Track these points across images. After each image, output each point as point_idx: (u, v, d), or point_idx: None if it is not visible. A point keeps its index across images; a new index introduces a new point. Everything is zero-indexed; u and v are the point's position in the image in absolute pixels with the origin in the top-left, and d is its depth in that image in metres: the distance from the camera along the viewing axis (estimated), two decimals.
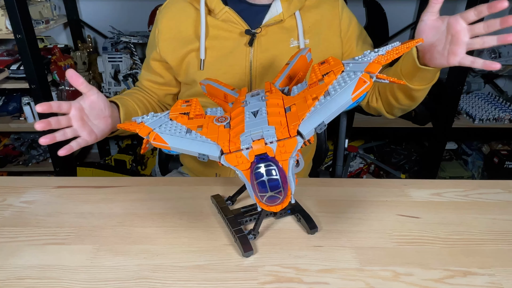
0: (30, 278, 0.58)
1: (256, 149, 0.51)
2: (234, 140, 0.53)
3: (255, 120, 0.55)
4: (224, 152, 0.53)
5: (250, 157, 0.51)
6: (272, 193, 0.50)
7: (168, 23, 0.90)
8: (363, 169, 2.15)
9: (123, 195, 0.78)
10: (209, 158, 0.54)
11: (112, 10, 2.07)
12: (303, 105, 0.54)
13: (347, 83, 0.52)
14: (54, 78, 1.80)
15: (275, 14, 0.86)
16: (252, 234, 0.64)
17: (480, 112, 1.90)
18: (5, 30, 1.65)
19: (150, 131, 0.58)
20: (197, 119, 0.61)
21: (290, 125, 0.52)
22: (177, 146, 0.56)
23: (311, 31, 0.89)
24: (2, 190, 0.80)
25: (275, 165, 0.50)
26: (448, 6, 2.02)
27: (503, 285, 0.57)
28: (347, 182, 0.84)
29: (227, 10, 0.86)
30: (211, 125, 0.59)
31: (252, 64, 0.88)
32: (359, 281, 0.58)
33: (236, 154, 0.52)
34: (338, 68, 0.57)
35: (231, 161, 0.52)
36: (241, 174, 0.52)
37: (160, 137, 0.57)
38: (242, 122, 0.55)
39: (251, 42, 0.86)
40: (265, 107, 0.57)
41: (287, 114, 0.55)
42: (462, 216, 0.73)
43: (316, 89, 0.56)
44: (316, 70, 0.60)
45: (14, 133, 2.07)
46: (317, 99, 0.53)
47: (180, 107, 0.64)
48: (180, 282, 0.57)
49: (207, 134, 0.56)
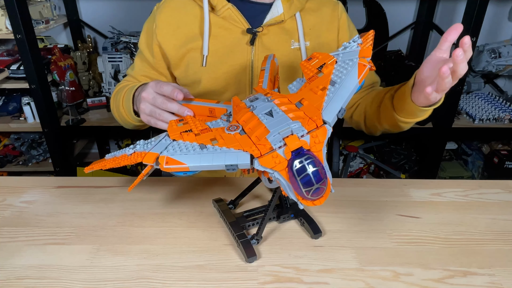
0: (30, 278, 0.58)
1: (292, 145, 0.49)
2: (262, 142, 0.51)
3: (274, 119, 0.53)
4: (255, 157, 0.50)
5: (287, 154, 0.49)
6: (318, 185, 0.48)
7: (167, 19, 0.89)
8: (363, 169, 2.15)
9: (123, 195, 0.78)
10: (239, 167, 0.52)
11: (112, 10, 2.07)
12: (315, 97, 0.55)
13: (348, 69, 0.56)
14: (54, 78, 1.80)
15: (276, 15, 0.86)
16: (255, 239, 0.63)
17: (480, 112, 1.89)
18: (5, 30, 1.64)
19: (158, 156, 0.53)
20: (206, 133, 0.56)
21: (312, 116, 0.52)
22: (198, 164, 0.52)
23: (311, 34, 0.89)
24: (2, 190, 0.80)
25: (314, 157, 0.49)
26: (448, 6, 2.03)
27: (503, 285, 0.57)
28: (347, 182, 0.84)
29: (229, 7, 0.85)
30: (225, 135, 0.55)
31: (254, 63, 0.87)
32: (359, 281, 0.58)
33: (272, 154, 0.49)
34: (330, 59, 0.60)
35: (268, 163, 0.49)
36: (278, 176, 0.49)
37: (174, 159, 0.52)
38: (261, 124, 0.53)
39: (252, 41, 0.86)
40: (277, 106, 0.56)
41: (302, 108, 0.55)
42: (462, 216, 0.73)
43: (319, 81, 0.58)
44: (308, 66, 0.62)
45: (14, 133, 2.07)
46: (326, 89, 0.55)
47: (177, 127, 0.59)
48: (180, 282, 0.57)
49: (226, 145, 0.53)
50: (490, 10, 1.81)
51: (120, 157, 0.58)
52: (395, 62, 1.94)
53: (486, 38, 2.06)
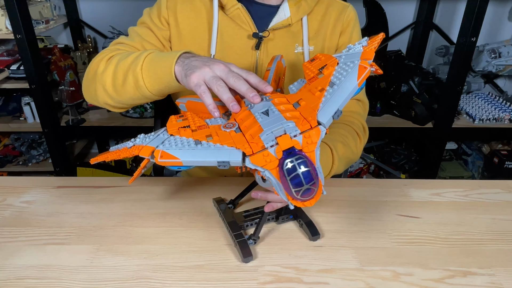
0: (30, 278, 0.58)
1: (283, 144, 0.49)
2: (255, 141, 0.51)
3: (269, 118, 0.53)
4: (247, 155, 0.51)
5: (278, 153, 0.49)
6: (308, 186, 0.48)
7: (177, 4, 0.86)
8: (363, 169, 2.15)
9: (123, 195, 0.78)
10: (231, 165, 0.52)
11: (112, 10, 2.07)
12: (312, 98, 0.55)
13: (348, 71, 0.55)
14: (54, 78, 1.80)
15: (283, 18, 0.85)
16: (252, 239, 0.63)
17: (480, 112, 1.89)
18: (5, 30, 1.64)
19: (154, 150, 0.54)
20: (202, 130, 0.57)
21: (307, 117, 0.52)
22: (191, 159, 0.52)
23: (316, 38, 0.88)
24: (2, 190, 0.79)
25: (305, 157, 0.49)
26: (448, 6, 2.03)
27: (503, 285, 0.57)
28: (347, 182, 0.84)
29: (239, 7, 0.83)
30: (221, 132, 0.56)
31: (258, 68, 0.87)
32: (359, 281, 0.58)
33: (263, 153, 0.50)
34: (332, 61, 0.59)
35: (258, 161, 0.50)
36: (269, 174, 0.49)
37: (168, 153, 0.53)
38: (256, 123, 0.53)
39: (258, 45, 0.86)
40: (273, 106, 0.56)
41: (299, 109, 0.55)
42: (462, 216, 0.73)
43: (319, 82, 0.57)
44: (310, 67, 0.61)
45: (14, 133, 2.07)
46: (324, 90, 0.54)
47: (176, 123, 0.60)
48: (180, 282, 0.57)
49: (221, 141, 0.53)
50: (490, 10, 1.82)
51: (121, 150, 0.59)
52: (395, 62, 1.94)
53: (486, 38, 2.06)
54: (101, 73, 0.76)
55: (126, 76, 0.71)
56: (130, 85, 0.71)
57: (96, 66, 0.78)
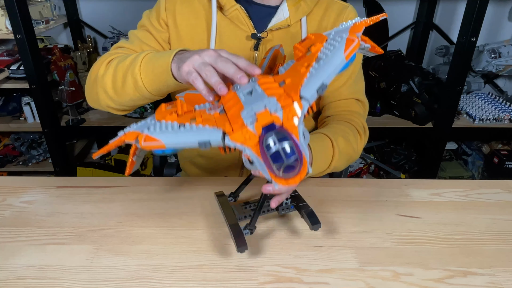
0: (30, 278, 0.58)
1: (262, 119, 0.48)
2: (235, 119, 0.50)
3: (252, 97, 0.52)
4: (227, 133, 0.50)
5: (257, 130, 0.48)
6: (289, 162, 0.45)
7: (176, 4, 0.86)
8: (363, 169, 2.15)
9: (123, 195, 0.78)
10: (212, 145, 0.51)
11: (112, 10, 2.07)
12: (298, 74, 0.53)
13: (336, 46, 0.53)
14: (54, 78, 1.80)
15: (281, 19, 0.84)
16: (248, 229, 0.62)
17: (480, 112, 1.89)
18: (5, 30, 1.64)
19: (138, 134, 0.54)
20: (188, 114, 0.57)
21: (290, 92, 0.50)
22: (172, 141, 0.52)
23: None
24: (2, 190, 0.80)
25: (286, 132, 0.47)
26: (448, 6, 2.03)
27: (503, 285, 0.57)
28: (347, 182, 0.84)
29: (237, 8, 0.83)
30: (205, 115, 0.55)
31: None
32: (359, 281, 0.58)
33: (242, 130, 0.49)
34: (321, 38, 0.57)
35: (237, 138, 0.49)
36: (250, 152, 0.48)
37: (151, 136, 0.53)
38: (239, 102, 0.52)
39: (256, 47, 0.85)
40: (258, 85, 0.55)
41: (284, 86, 0.53)
42: (462, 216, 0.73)
43: (305, 59, 0.55)
44: (299, 47, 0.60)
45: (14, 133, 2.07)
46: (310, 66, 0.53)
47: (165, 110, 0.60)
48: (180, 282, 0.57)
49: (203, 123, 0.53)
50: (490, 10, 1.81)
51: (117, 140, 0.59)
52: (395, 62, 1.94)
53: (486, 38, 2.06)
54: (102, 76, 0.76)
55: (125, 77, 0.72)
56: (130, 86, 0.71)
57: (97, 70, 0.79)
